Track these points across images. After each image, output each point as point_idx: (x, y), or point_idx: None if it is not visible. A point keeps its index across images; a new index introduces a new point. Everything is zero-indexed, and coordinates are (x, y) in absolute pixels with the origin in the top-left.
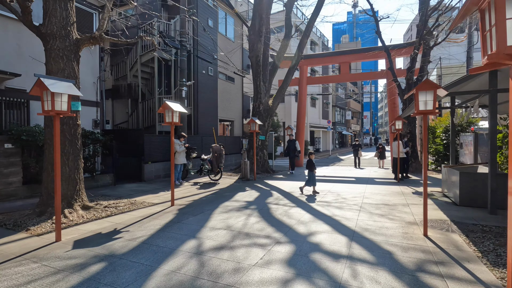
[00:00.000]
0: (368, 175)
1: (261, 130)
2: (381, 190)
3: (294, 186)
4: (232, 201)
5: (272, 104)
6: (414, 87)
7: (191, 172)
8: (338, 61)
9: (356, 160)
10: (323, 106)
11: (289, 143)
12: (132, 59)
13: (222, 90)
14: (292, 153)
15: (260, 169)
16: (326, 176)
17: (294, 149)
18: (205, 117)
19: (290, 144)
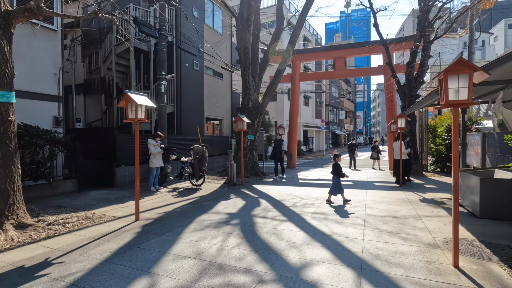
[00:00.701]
0: (366, 178)
1: (250, 129)
2: (384, 196)
3: (286, 192)
4: (211, 213)
5: (262, 101)
6: (442, 71)
7: (170, 176)
8: (332, 56)
9: (351, 161)
10: (317, 105)
11: (276, 144)
12: (106, 49)
13: (209, 86)
14: (279, 155)
15: (249, 172)
16: (321, 179)
17: (281, 151)
18: (190, 115)
19: (277, 145)
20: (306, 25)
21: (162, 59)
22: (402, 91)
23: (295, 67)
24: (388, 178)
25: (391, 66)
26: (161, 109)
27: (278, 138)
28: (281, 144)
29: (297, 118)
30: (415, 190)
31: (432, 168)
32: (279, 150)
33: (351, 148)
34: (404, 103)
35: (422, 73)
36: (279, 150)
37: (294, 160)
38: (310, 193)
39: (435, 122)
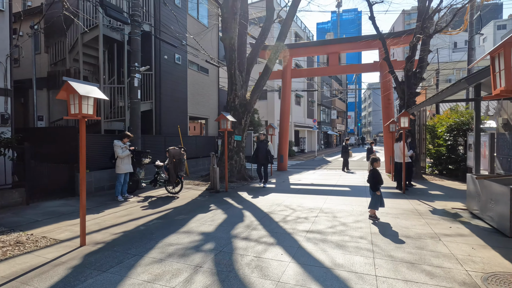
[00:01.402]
0: (363, 182)
1: (236, 129)
2: (389, 207)
3: (276, 201)
4: (182, 232)
5: (250, 98)
6: (500, 42)
7: (142, 183)
8: (326, 51)
9: (345, 163)
10: (308, 104)
11: (259, 145)
12: (72, 38)
13: (193, 82)
14: (263, 159)
15: (235, 176)
16: (314, 184)
17: (265, 154)
18: (171, 113)
19: (260, 146)
20: (298, 22)
21: (136, 49)
22: (400, 88)
23: (286, 63)
24: (387, 183)
25: (388, 61)
26: (134, 105)
27: (262, 138)
28: (265, 146)
29: (288, 117)
30: (420, 198)
31: (429, 170)
32: (262, 152)
33: (346, 149)
34: (403, 101)
35: (421, 68)
36: (262, 152)
37: (285, 162)
38: (303, 203)
39: (433, 122)
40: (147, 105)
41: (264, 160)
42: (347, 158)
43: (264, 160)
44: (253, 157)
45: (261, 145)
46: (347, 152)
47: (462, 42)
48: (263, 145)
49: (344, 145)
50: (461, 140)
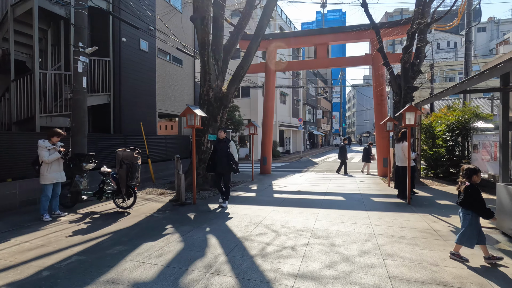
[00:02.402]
0: (358, 188)
1: (211, 127)
2: (398, 226)
3: (254, 219)
4: (102, 283)
5: (227, 90)
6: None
7: (84, 195)
8: (313, 42)
9: (342, 165)
10: (294, 103)
11: (217, 147)
12: (1, 12)
13: (164, 74)
14: (222, 166)
15: (209, 183)
16: (302, 191)
17: (227, 159)
18: (134, 108)
19: (219, 149)
20: (283, 16)
21: (81, 25)
22: (396, 83)
23: (270, 55)
24: (384, 188)
25: (383, 52)
26: (79, 96)
27: (221, 137)
28: (225, 148)
29: (272, 115)
30: (432, 211)
31: (423, 173)
32: (221, 157)
33: (344, 150)
34: (399, 97)
35: (419, 59)
36: (221, 157)
37: (268, 164)
38: (289, 221)
39: (429, 121)
40: (102, 98)
41: (224, 168)
42: (345, 160)
43: (224, 168)
44: (208, 164)
45: (220, 146)
46: (345, 153)
47: (445, 42)
48: (223, 147)
49: (343, 145)
50: (464, 141)
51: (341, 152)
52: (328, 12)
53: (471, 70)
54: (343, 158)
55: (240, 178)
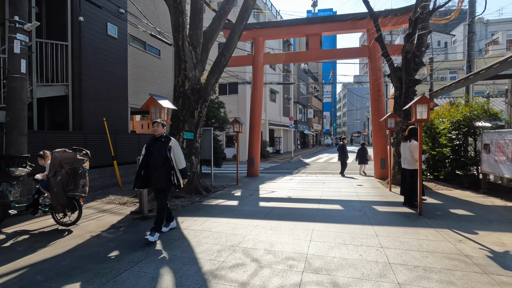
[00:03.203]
0: (356, 193)
1: (187, 124)
2: (417, 249)
3: (232, 238)
4: None
5: (206, 82)
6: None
7: (13, 208)
8: (305, 32)
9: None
10: (284, 101)
11: (152, 148)
12: None
13: (138, 65)
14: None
15: (184, 189)
16: (293, 198)
17: (165, 168)
18: (100, 103)
19: (156, 151)
20: (273, 10)
21: None
22: (396, 76)
23: (258, 46)
24: (386, 194)
25: (381, 42)
26: (15, 84)
27: (158, 133)
28: (162, 150)
29: (260, 112)
30: (450, 224)
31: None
32: (157, 165)
33: (343, 150)
34: (399, 91)
35: (421, 50)
36: (157, 165)
37: (256, 165)
38: (276, 242)
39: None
40: (58, 89)
41: (160, 180)
42: (345, 160)
43: (160, 180)
44: (137, 176)
45: (156, 148)
46: (346, 153)
47: (435, 42)
48: (160, 149)
49: (342, 144)
50: (471, 140)
51: (341, 152)
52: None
53: (474, 62)
54: (343, 159)
55: (223, 181)
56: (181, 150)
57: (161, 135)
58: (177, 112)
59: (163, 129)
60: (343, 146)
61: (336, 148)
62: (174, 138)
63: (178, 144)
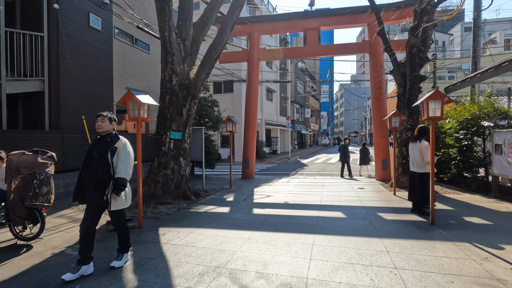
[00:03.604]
0: (358, 198)
1: (174, 122)
2: (439, 272)
3: (218, 255)
4: None
5: (196, 77)
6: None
7: None
8: (303, 27)
9: (343, 167)
10: (281, 100)
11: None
12: None
13: (125, 60)
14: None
15: (171, 194)
16: (289, 204)
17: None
18: (79, 99)
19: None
20: (269, 7)
21: None
22: (399, 72)
23: (253, 41)
24: (390, 198)
25: (384, 36)
26: None
27: (103, 132)
28: (104, 153)
29: (256, 110)
30: (470, 237)
31: None
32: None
33: (345, 150)
34: (403, 89)
35: (426, 44)
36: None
37: (251, 167)
38: (269, 261)
39: None
40: (32, 84)
41: (95, 194)
42: (348, 161)
43: (95, 194)
44: (77, 184)
45: (100, 149)
46: (348, 153)
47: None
48: (104, 150)
49: (344, 145)
50: (479, 140)
51: (343, 152)
52: None
53: (480, 58)
54: (345, 159)
55: (216, 184)
56: (130, 156)
57: (107, 133)
58: (163, 110)
59: (111, 125)
60: (346, 146)
61: (338, 149)
62: (125, 138)
63: (129, 148)
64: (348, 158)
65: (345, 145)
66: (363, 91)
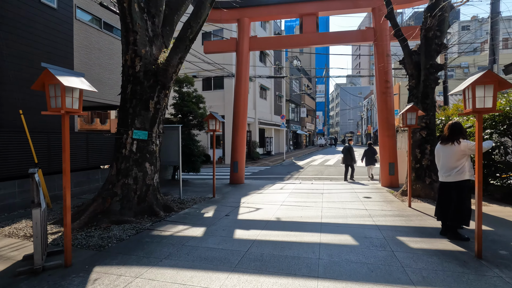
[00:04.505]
0: (367, 212)
1: (139, 119)
2: None
3: None
4: None
5: (167, 61)
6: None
7: None
8: (299, 11)
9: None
10: (276, 99)
11: None
12: None
13: (91, 46)
14: None
15: (134, 210)
16: (282, 221)
17: None
18: (26, 90)
19: None
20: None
21: None
22: (411, 61)
23: (243, 28)
24: (405, 212)
25: (393, 20)
26: None
27: None
28: None
29: (245, 107)
30: None
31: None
32: None
33: (349, 153)
34: (416, 80)
35: (442, 28)
36: None
37: (240, 171)
38: None
39: (446, 115)
40: None
41: None
42: (352, 164)
43: None
44: None
45: None
46: (354, 156)
47: None
48: None
49: (349, 146)
50: (509, 141)
51: (349, 155)
52: None
53: (498, 48)
54: (349, 163)
55: (198, 192)
56: None
57: None
58: (125, 102)
59: None
60: (350, 148)
61: (341, 150)
62: None
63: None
64: (354, 162)
65: (350, 147)
66: (359, 90)
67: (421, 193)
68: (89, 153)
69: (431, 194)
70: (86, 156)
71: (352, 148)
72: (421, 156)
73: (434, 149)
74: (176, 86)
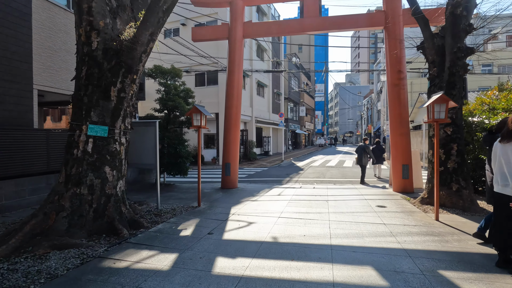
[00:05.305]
0: (387, 230)
1: (95, 111)
2: None
3: None
4: None
5: (134, 38)
6: None
7: None
8: None
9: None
10: (274, 96)
11: None
12: None
13: (54, 29)
14: None
15: (88, 227)
16: (280, 242)
17: None
18: None
19: None
20: None
21: None
22: (434, 45)
23: (236, 12)
24: (435, 229)
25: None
26: None
27: None
28: None
29: (239, 102)
30: None
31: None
32: None
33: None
34: (438, 68)
35: (468, 8)
36: None
37: (233, 173)
38: None
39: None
40: None
41: None
42: (365, 166)
43: None
44: None
45: None
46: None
47: None
48: None
49: (363, 146)
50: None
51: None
52: None
53: None
54: (363, 163)
55: (182, 199)
56: None
57: None
58: (78, 89)
59: None
60: (366, 147)
61: (355, 150)
62: None
63: None
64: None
65: (365, 146)
66: (358, 90)
67: (446, 202)
68: (50, 154)
69: (459, 203)
70: (46, 157)
71: (368, 147)
72: (445, 157)
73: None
74: (162, 78)
